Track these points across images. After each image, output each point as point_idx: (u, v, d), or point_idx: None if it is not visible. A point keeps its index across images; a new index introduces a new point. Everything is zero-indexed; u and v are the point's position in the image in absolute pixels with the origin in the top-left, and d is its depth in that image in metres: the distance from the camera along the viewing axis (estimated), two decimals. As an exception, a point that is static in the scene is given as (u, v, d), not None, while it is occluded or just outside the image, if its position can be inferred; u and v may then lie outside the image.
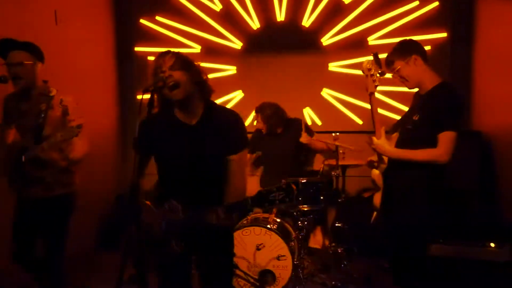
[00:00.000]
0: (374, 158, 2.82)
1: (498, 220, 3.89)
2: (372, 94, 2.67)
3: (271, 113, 4.43)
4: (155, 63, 2.08)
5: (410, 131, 2.56)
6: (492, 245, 3.20)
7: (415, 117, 2.55)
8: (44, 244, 2.93)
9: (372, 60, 2.65)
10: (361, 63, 2.71)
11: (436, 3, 4.83)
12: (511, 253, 3.18)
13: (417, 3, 4.87)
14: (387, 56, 2.67)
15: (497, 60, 4.20)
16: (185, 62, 2.07)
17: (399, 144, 2.61)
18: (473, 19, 4.71)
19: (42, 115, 2.77)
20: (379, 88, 2.72)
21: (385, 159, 2.69)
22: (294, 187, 1.90)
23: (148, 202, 2.21)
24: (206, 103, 2.19)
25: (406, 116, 2.75)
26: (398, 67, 2.59)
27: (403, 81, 2.63)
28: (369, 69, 2.64)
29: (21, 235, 2.89)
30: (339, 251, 3.83)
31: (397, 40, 4.98)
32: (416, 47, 2.63)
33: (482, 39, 4.57)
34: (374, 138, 2.63)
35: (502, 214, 3.96)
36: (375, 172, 2.77)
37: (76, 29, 4.74)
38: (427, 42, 4.83)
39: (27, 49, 2.80)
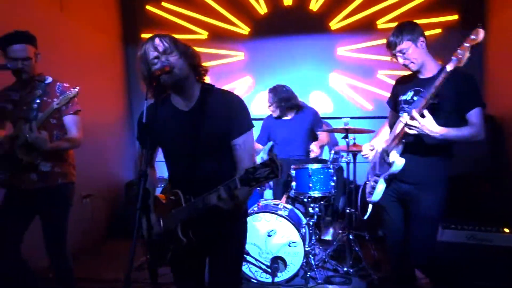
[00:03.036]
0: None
1: (510, 205, 3.86)
2: None
3: (284, 96, 4.40)
4: (146, 50, 1.98)
5: (433, 115, 2.38)
6: (506, 230, 3.16)
7: (432, 101, 2.42)
8: (44, 237, 2.88)
9: None
10: None
11: (447, -15, 4.74)
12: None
13: (427, -16, 4.79)
14: (394, 36, 2.58)
15: (510, 43, 4.12)
16: (177, 45, 1.99)
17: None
18: (485, 1, 4.62)
19: (37, 101, 2.73)
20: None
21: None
22: (278, 162, 1.72)
23: (161, 196, 2.17)
24: (202, 86, 2.10)
25: (409, 101, 2.62)
26: (408, 47, 2.53)
27: (408, 63, 2.56)
28: None
29: (8, 230, 2.81)
30: (350, 237, 3.82)
31: (407, 23, 4.92)
32: (421, 29, 2.59)
33: (494, 22, 4.48)
34: (416, 113, 2.34)
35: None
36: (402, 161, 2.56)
37: (82, 16, 4.70)
38: (438, 25, 4.76)
39: (30, 41, 2.73)
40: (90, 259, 4.27)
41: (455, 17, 4.73)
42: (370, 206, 2.80)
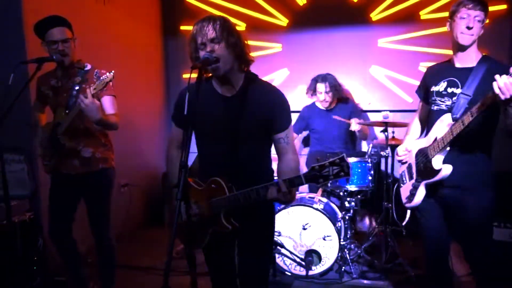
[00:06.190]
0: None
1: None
2: None
3: (336, 83, 4.39)
4: (197, 32, 1.97)
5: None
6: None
7: (468, 94, 2.30)
8: (89, 220, 3.01)
9: None
10: None
11: (495, -27, 4.54)
12: None
13: (474, -27, 4.59)
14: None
15: None
16: (227, 33, 1.95)
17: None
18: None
19: (76, 88, 2.77)
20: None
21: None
22: (348, 161, 1.80)
23: (190, 180, 2.17)
24: (246, 75, 2.10)
25: (442, 93, 2.45)
26: (484, 19, 2.31)
27: (472, 33, 2.30)
28: None
29: (59, 213, 2.97)
30: (387, 232, 3.75)
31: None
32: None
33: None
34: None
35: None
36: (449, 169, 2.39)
37: (124, 8, 4.79)
38: (485, 15, 4.56)
39: (66, 24, 2.78)
40: (126, 246, 4.37)
41: (504, 6, 4.52)
42: (409, 212, 2.69)
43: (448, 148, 2.35)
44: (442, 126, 2.37)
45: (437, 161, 2.38)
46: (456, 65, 2.43)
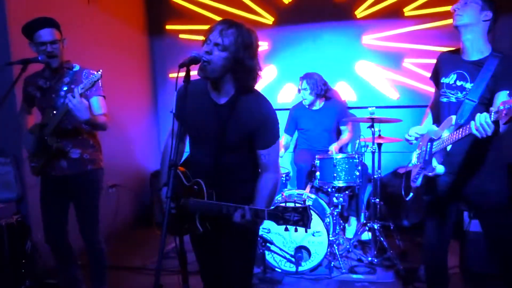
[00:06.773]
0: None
1: None
2: None
3: (318, 80, 4.43)
4: (213, 28, 1.97)
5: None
6: None
7: (474, 99, 2.31)
8: (78, 222, 2.99)
9: None
10: None
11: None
12: None
13: (457, -31, 4.64)
14: None
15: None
16: (234, 45, 1.92)
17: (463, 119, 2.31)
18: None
19: (65, 89, 2.75)
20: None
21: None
22: (310, 214, 1.77)
23: (182, 168, 2.16)
24: (240, 86, 2.05)
25: (452, 85, 2.44)
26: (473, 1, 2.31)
27: (458, 13, 2.33)
28: None
29: (52, 217, 2.95)
30: (375, 227, 3.80)
31: (435, 10, 4.80)
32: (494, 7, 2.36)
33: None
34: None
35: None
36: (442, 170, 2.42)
37: (108, 8, 4.76)
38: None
39: (55, 25, 2.76)
40: (116, 247, 4.35)
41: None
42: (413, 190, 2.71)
43: (443, 152, 2.35)
44: (447, 127, 2.36)
45: (434, 161, 2.40)
46: (464, 57, 2.43)
